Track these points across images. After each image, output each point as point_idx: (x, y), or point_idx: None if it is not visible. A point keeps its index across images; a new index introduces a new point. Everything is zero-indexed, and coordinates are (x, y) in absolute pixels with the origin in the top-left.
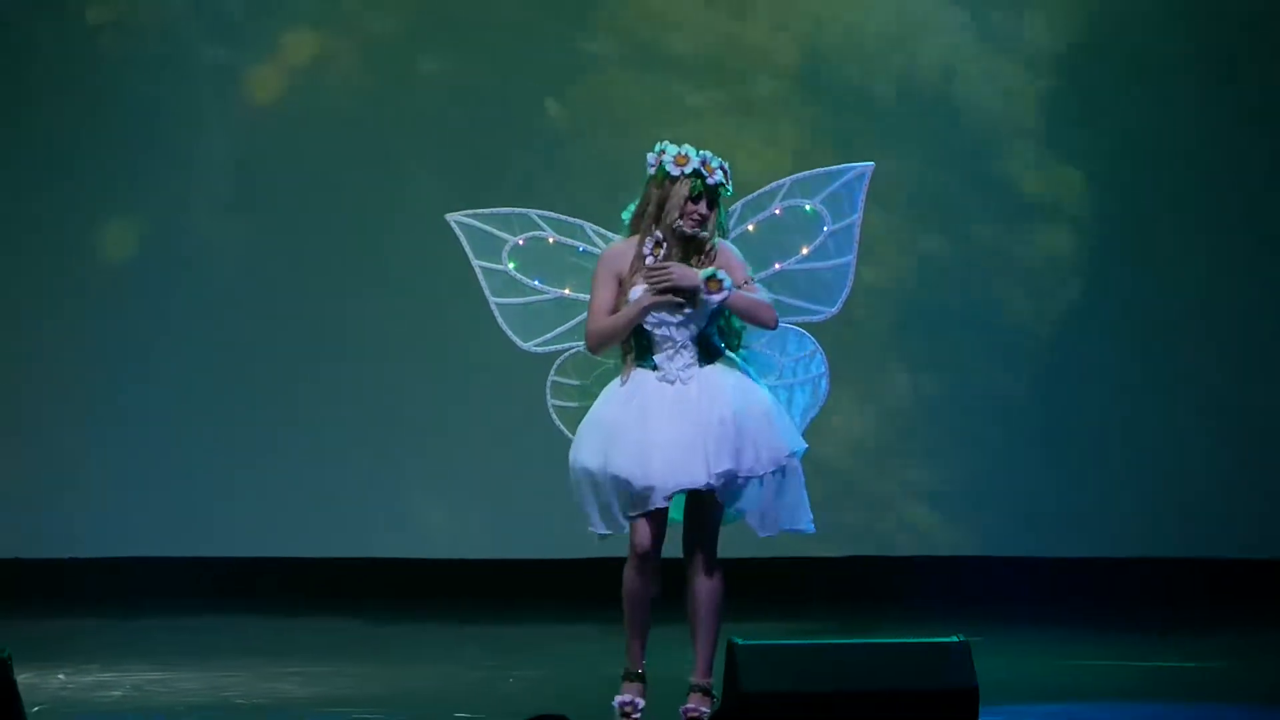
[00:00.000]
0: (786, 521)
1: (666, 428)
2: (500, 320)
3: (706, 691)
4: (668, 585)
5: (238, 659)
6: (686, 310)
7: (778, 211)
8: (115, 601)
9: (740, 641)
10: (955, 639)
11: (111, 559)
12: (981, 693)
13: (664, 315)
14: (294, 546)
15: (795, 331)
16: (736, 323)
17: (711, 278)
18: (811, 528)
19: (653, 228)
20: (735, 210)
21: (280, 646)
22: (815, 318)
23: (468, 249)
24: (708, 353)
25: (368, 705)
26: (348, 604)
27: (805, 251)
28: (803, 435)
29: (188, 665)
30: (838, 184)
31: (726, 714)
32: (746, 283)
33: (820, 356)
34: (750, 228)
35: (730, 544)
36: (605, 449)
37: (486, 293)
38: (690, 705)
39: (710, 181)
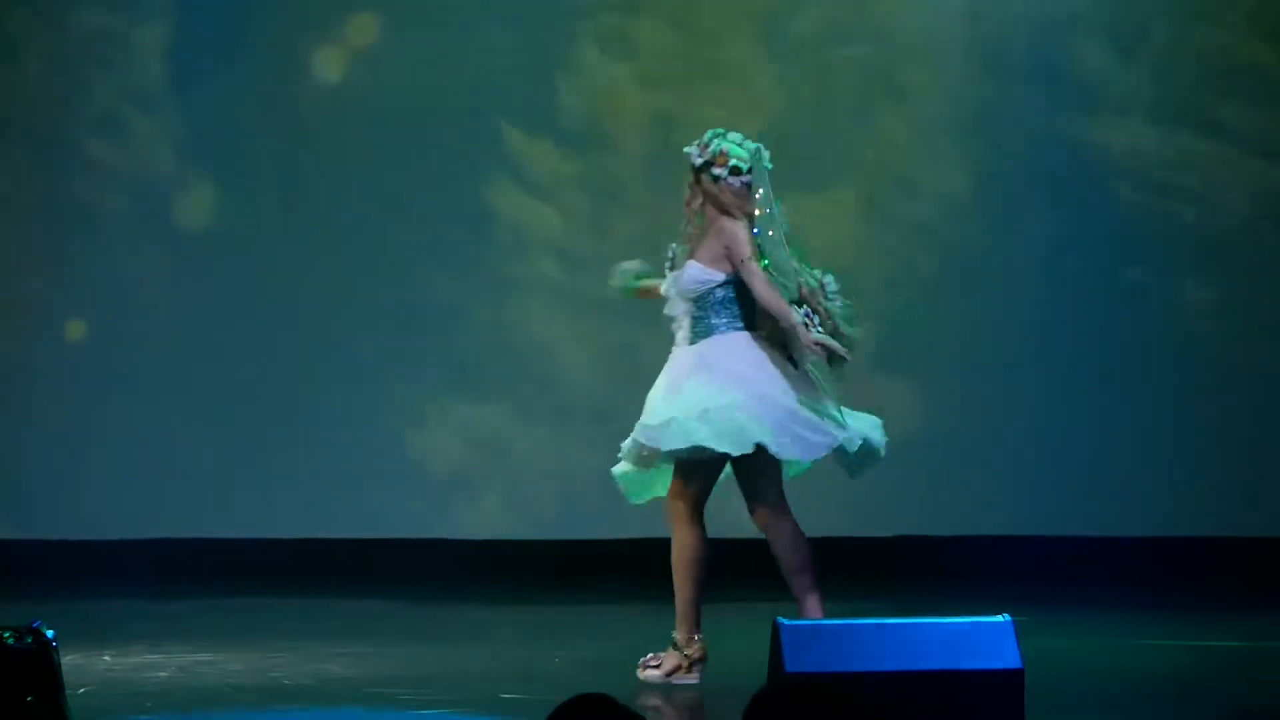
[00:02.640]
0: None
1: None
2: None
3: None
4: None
5: (282, 640)
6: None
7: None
8: (161, 583)
9: (785, 621)
10: (1001, 618)
11: (157, 540)
12: (1027, 672)
13: (664, 291)
14: (337, 527)
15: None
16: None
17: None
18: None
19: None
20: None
21: (325, 628)
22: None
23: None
24: (700, 331)
25: (413, 685)
26: (390, 585)
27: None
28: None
29: (233, 646)
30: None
31: (771, 693)
32: (743, 261)
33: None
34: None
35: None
36: None
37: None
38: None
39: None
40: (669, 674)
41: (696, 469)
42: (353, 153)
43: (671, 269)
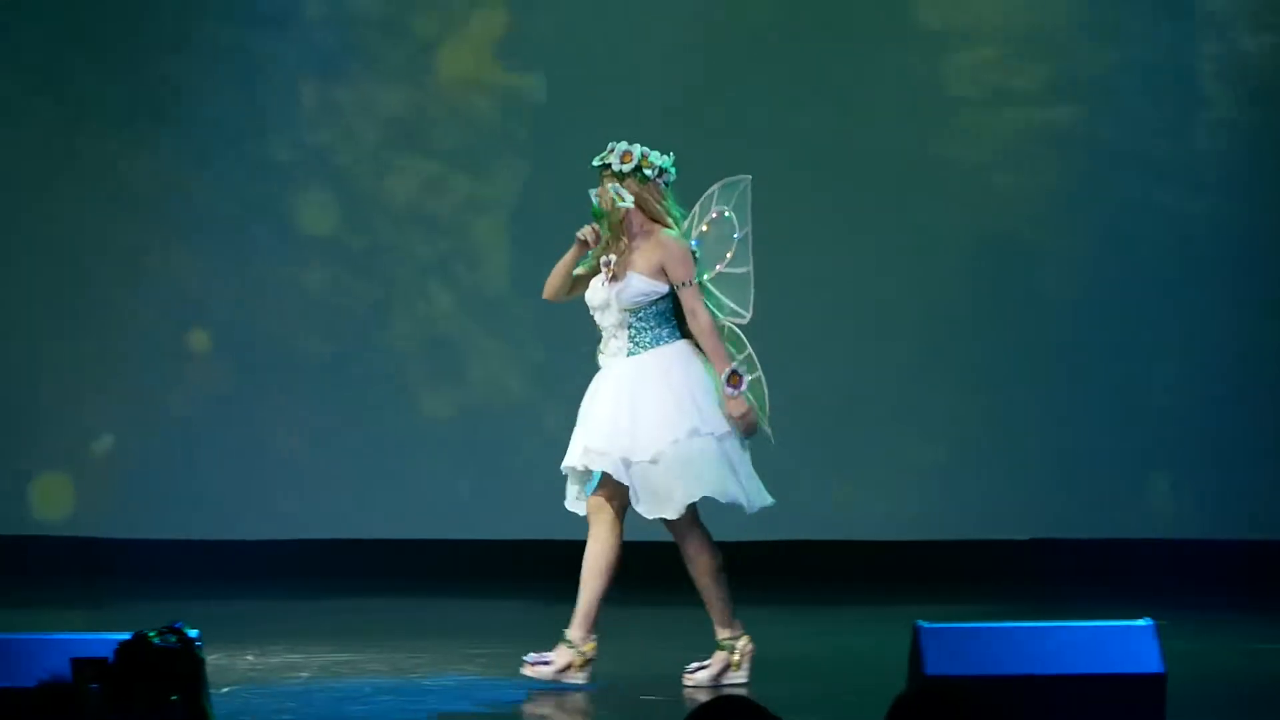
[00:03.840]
0: (651, 508)
1: (584, 409)
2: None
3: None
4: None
5: (422, 640)
6: (596, 300)
7: (714, 215)
8: (303, 583)
9: (925, 625)
10: (1143, 622)
11: (300, 540)
12: (1169, 677)
13: (588, 301)
14: (474, 529)
15: (733, 331)
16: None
17: (732, 374)
18: (674, 515)
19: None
20: (695, 213)
21: (464, 627)
22: (739, 321)
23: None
24: (640, 342)
25: (549, 687)
26: (527, 586)
27: (729, 256)
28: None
29: (373, 646)
30: (737, 194)
31: (913, 697)
32: (685, 284)
33: (753, 357)
34: (704, 227)
35: (917, 527)
36: None
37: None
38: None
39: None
40: (560, 671)
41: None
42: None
43: (612, 279)
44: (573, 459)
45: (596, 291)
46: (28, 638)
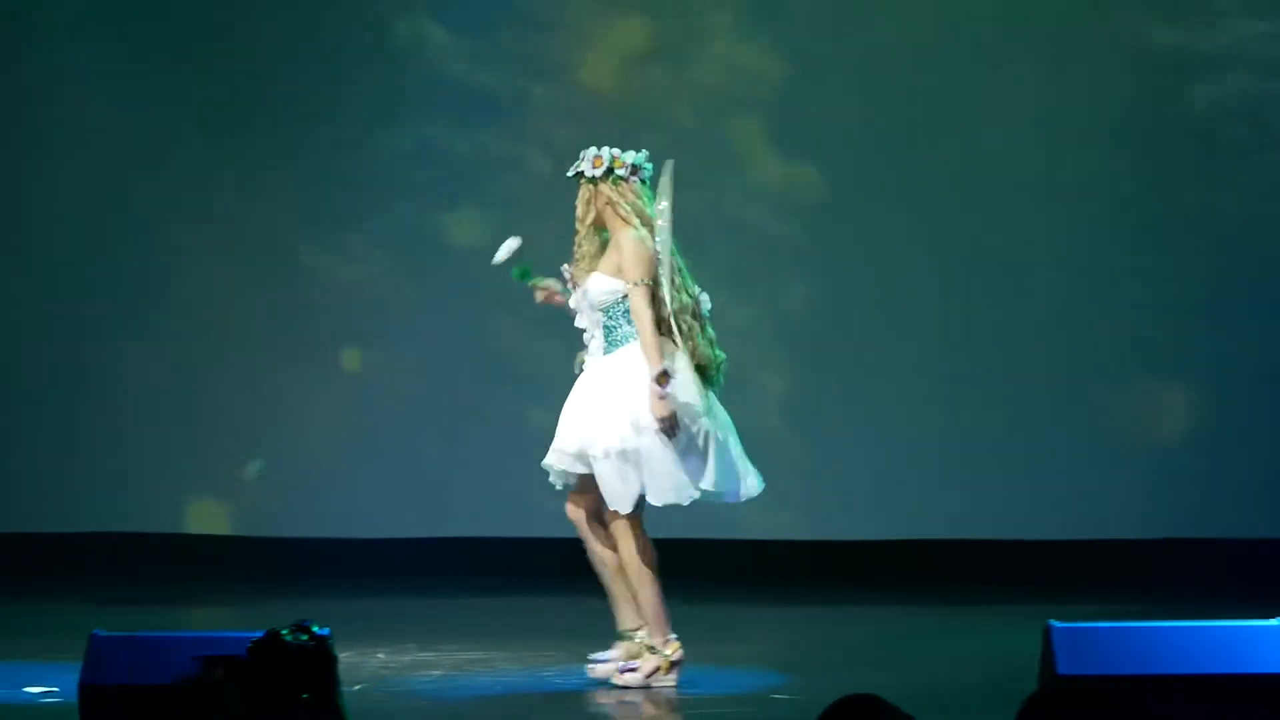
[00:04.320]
0: (609, 500)
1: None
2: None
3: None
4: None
5: (553, 639)
6: (573, 301)
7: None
8: (434, 580)
9: (1057, 624)
10: (1275, 622)
11: (429, 539)
12: None
13: (571, 303)
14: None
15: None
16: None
17: (663, 374)
18: (624, 511)
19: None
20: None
21: (593, 627)
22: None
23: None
24: (615, 341)
25: (684, 685)
26: (665, 584)
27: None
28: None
29: (505, 645)
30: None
31: (1045, 696)
32: (632, 286)
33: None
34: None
35: (1048, 526)
36: None
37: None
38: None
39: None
40: (649, 675)
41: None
42: None
43: (573, 288)
44: (549, 459)
45: (572, 297)
46: (164, 636)
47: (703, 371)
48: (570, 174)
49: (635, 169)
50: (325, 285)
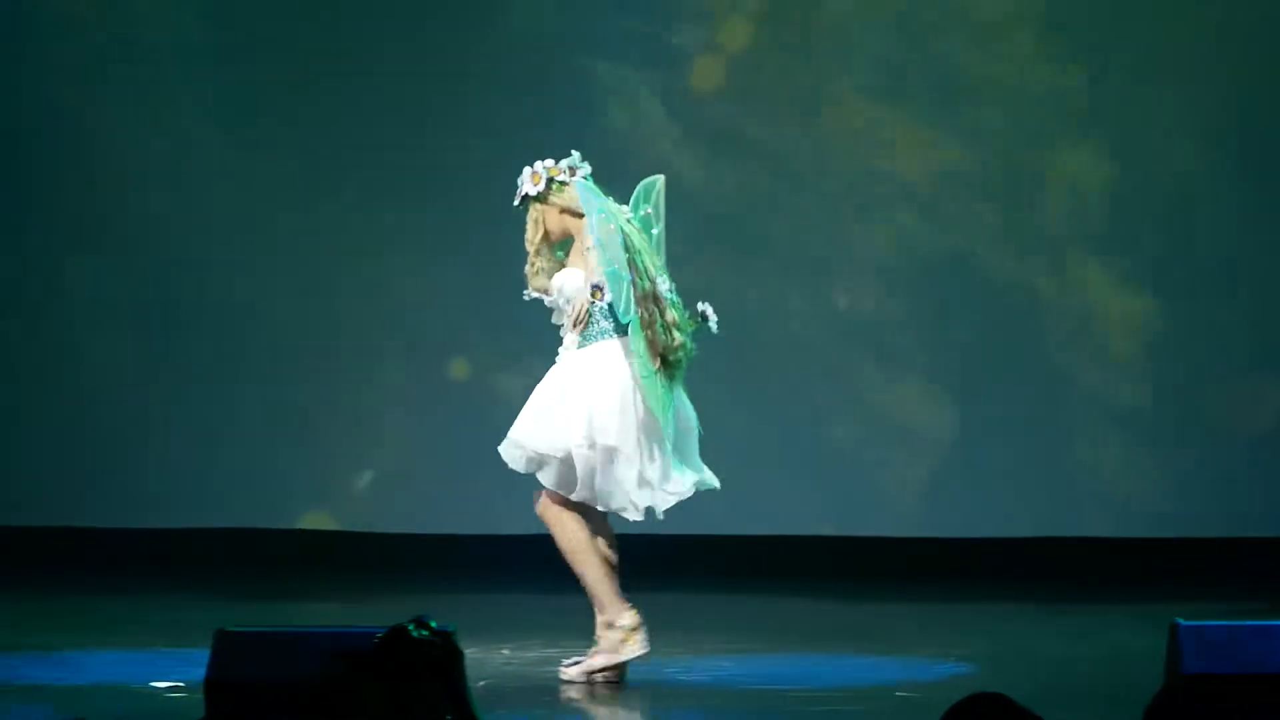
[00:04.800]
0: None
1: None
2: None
3: None
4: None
5: (672, 635)
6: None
7: (648, 212)
8: (554, 577)
9: (1184, 623)
10: None
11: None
12: None
13: (549, 299)
14: (725, 524)
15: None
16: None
17: (597, 288)
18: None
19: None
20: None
21: (716, 624)
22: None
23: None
24: (590, 336)
25: (804, 684)
26: (795, 583)
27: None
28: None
29: None
30: (654, 192)
31: (1169, 695)
32: (586, 250)
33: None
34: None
35: (1173, 524)
36: None
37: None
38: None
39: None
40: (612, 658)
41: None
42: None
43: (540, 294)
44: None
45: (548, 297)
46: (289, 631)
47: (665, 359)
48: (516, 203)
49: (573, 170)
50: (433, 292)
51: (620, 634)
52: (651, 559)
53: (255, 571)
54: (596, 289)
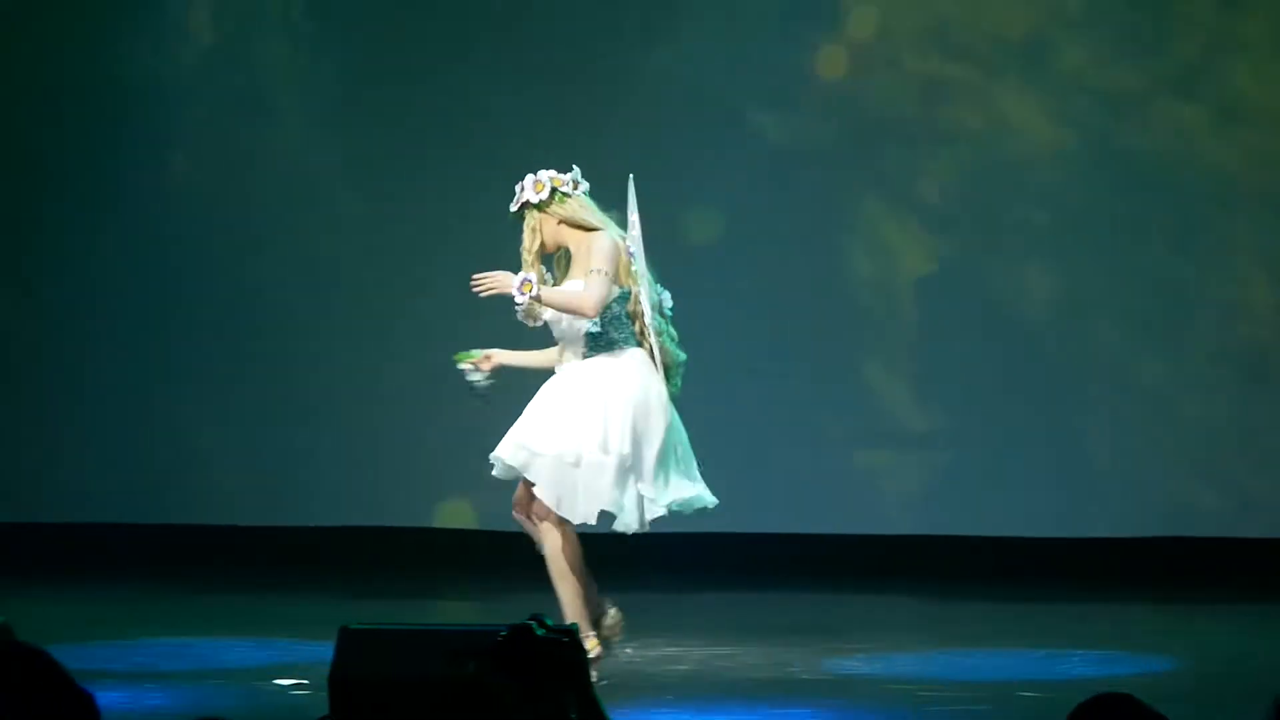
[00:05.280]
0: (565, 508)
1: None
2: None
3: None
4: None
5: (798, 635)
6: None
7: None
8: (680, 576)
9: None
10: None
11: (678, 534)
12: None
13: (549, 315)
14: (858, 523)
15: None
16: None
17: (525, 282)
18: (588, 522)
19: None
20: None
21: (839, 622)
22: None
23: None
24: (597, 348)
25: (930, 685)
26: (903, 582)
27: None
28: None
29: (751, 640)
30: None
31: None
32: (591, 272)
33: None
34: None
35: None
36: None
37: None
38: None
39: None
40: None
41: None
42: None
43: (532, 323)
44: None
45: (548, 311)
46: (414, 629)
47: (666, 372)
48: (514, 209)
49: (575, 183)
50: None
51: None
52: (803, 558)
53: (389, 569)
54: (526, 281)
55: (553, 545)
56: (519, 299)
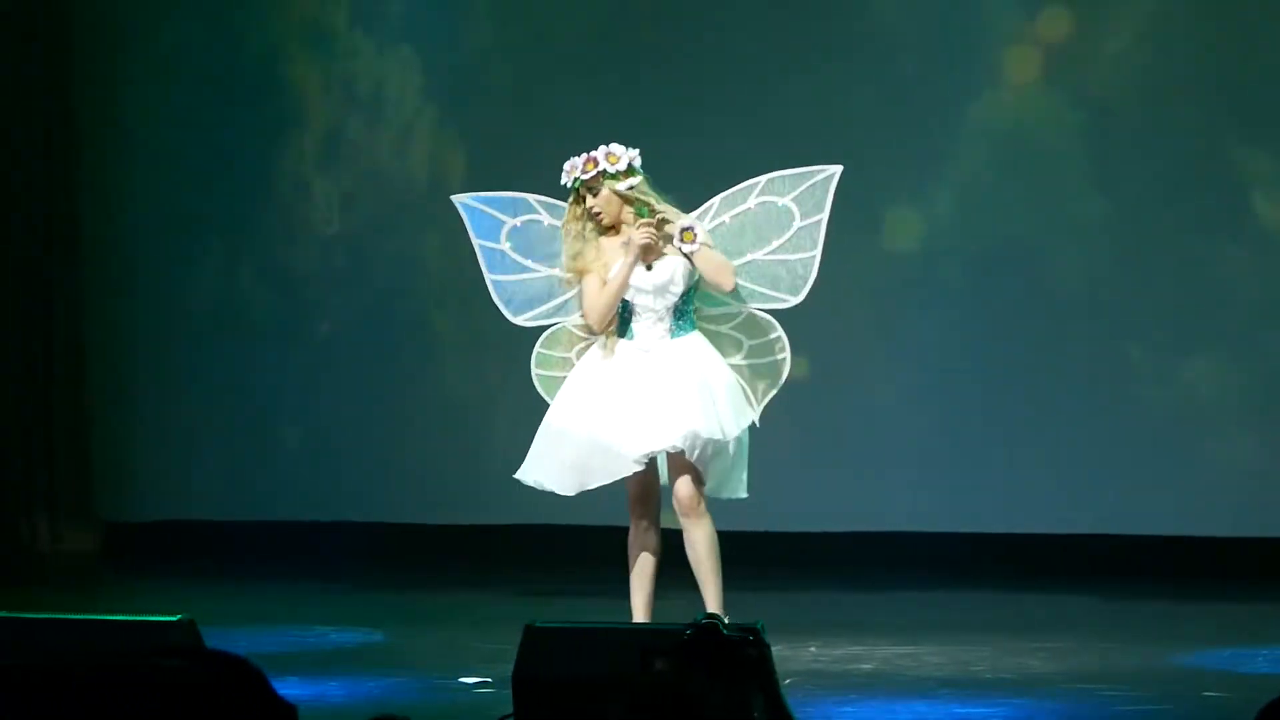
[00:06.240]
0: (721, 489)
1: (640, 394)
2: (493, 295)
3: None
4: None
5: (979, 634)
6: (659, 280)
7: (752, 206)
8: (862, 574)
9: None
10: None
11: (855, 533)
12: None
13: (641, 284)
14: (1037, 521)
15: (761, 316)
16: (700, 302)
17: (688, 229)
18: (744, 493)
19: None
20: (713, 205)
21: (1020, 621)
22: (781, 305)
23: (469, 227)
24: (682, 325)
25: (1116, 682)
26: (1079, 580)
27: (775, 244)
28: (761, 413)
29: (932, 639)
30: (807, 184)
31: None
32: (708, 247)
33: (783, 341)
34: (727, 219)
35: None
36: (585, 412)
37: (484, 269)
38: None
39: (565, 182)
40: None
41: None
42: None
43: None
44: (660, 443)
45: (650, 276)
46: (598, 626)
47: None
48: (576, 180)
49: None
50: None
51: None
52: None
53: (571, 567)
54: (687, 230)
55: (710, 534)
56: (686, 247)
